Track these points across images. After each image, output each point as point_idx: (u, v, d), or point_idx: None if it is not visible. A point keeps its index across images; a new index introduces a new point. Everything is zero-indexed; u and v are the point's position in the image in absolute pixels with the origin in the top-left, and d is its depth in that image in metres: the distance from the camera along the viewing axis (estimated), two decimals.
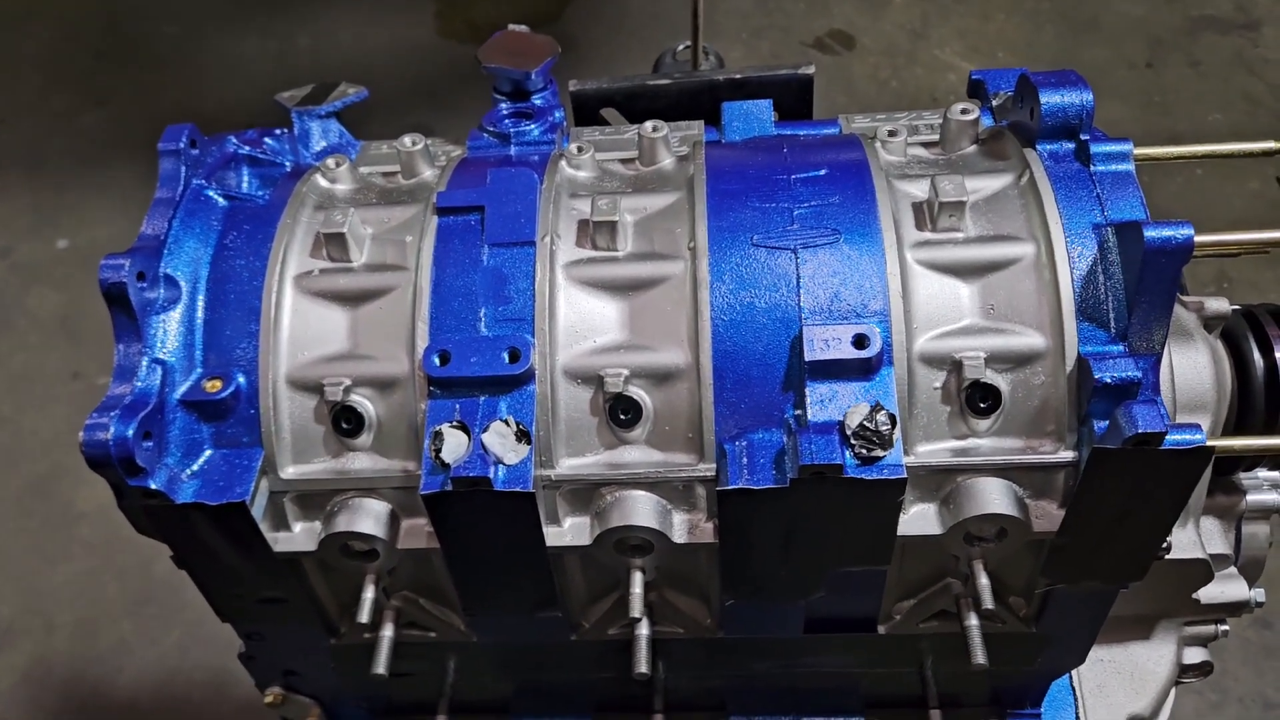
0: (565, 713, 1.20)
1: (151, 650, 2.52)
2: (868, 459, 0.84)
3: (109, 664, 2.52)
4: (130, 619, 2.57)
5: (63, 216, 3.41)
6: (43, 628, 2.57)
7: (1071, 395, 0.88)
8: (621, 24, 3.92)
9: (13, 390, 3.01)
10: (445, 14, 3.97)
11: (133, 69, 3.81)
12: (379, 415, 0.93)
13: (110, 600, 2.60)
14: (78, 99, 3.71)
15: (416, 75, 3.68)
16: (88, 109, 3.70)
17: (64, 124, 3.65)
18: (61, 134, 3.61)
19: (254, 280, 0.95)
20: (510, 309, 0.92)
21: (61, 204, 3.44)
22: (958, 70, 3.77)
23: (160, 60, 3.85)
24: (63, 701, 2.49)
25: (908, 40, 3.95)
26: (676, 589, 1.01)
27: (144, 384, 0.89)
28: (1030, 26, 3.95)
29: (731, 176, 0.97)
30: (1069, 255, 0.89)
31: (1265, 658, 2.51)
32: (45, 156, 3.56)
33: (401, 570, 0.99)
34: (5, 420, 2.94)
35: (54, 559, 2.68)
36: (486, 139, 1.10)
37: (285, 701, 1.16)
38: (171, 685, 2.48)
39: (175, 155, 0.99)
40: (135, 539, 2.60)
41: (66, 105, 3.70)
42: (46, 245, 3.35)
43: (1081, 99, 0.94)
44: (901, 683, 1.13)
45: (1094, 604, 1.00)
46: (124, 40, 3.90)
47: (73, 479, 2.82)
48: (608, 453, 0.92)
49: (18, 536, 2.73)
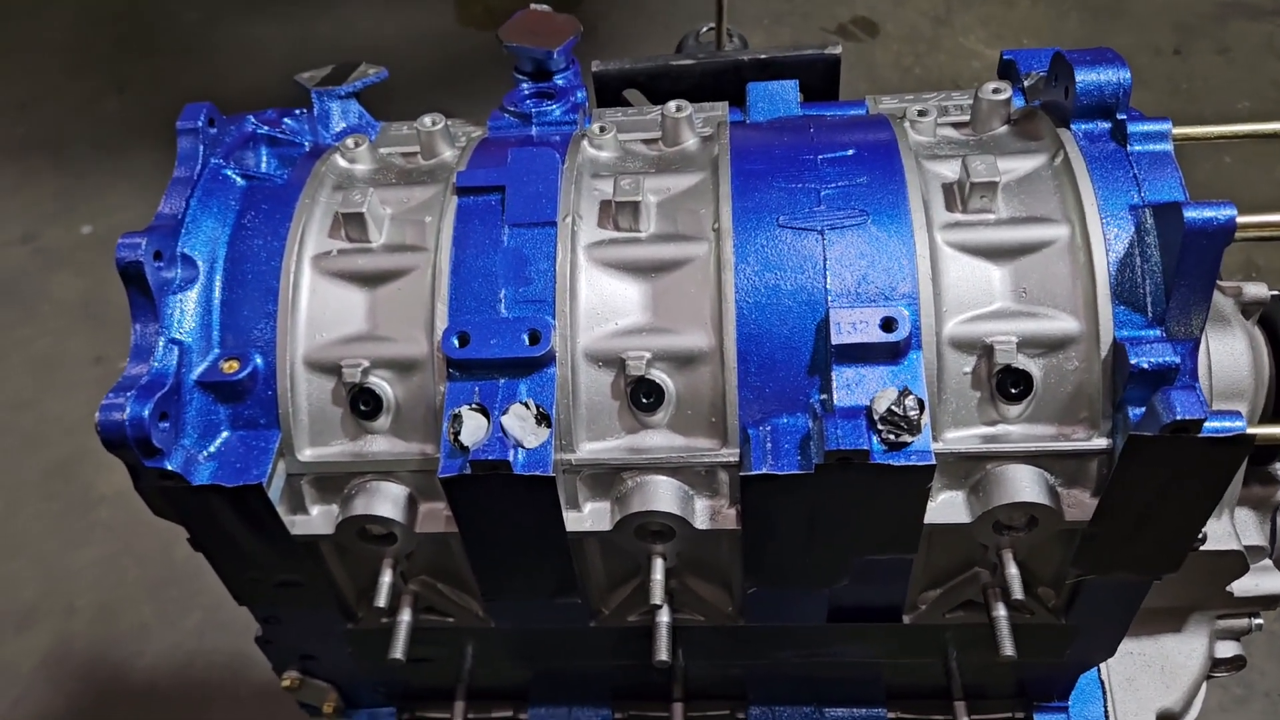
0: (584, 700, 1.18)
1: (171, 633, 2.53)
2: (895, 445, 0.82)
3: (129, 647, 2.53)
4: (150, 603, 2.58)
5: (86, 202, 3.42)
6: (64, 611, 2.59)
7: (1106, 381, 0.85)
8: (642, 8, 3.89)
9: (36, 375, 3.02)
10: (465, 1, 3.95)
11: (153, 55, 3.81)
12: (397, 397, 0.92)
13: (130, 584, 2.61)
14: (99, 85, 3.72)
15: (436, 62, 3.66)
16: (109, 95, 3.71)
17: (86, 110, 3.66)
18: (84, 120, 3.62)
19: (272, 260, 0.94)
20: (531, 290, 0.90)
21: (85, 190, 3.45)
22: (981, 57, 3.72)
23: (180, 47, 3.86)
24: (83, 683, 2.50)
25: (931, 27, 3.91)
26: (698, 576, 1.00)
27: (161, 364, 0.88)
28: (1055, 13, 3.89)
29: (757, 157, 0.95)
30: (1105, 237, 0.86)
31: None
32: (68, 142, 3.57)
33: (419, 554, 0.98)
34: (28, 404, 2.95)
35: (75, 543, 2.69)
36: (508, 119, 1.08)
37: (302, 686, 1.15)
38: (190, 668, 2.48)
39: (193, 134, 0.98)
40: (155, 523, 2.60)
41: (88, 91, 3.71)
42: (70, 231, 3.36)
43: (1119, 77, 0.92)
44: (926, 674, 1.11)
45: (1126, 596, 0.97)
46: (144, 27, 3.91)
47: (94, 463, 2.82)
48: (629, 437, 0.91)
49: (40, 520, 2.74)
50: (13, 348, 3.10)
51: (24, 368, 3.05)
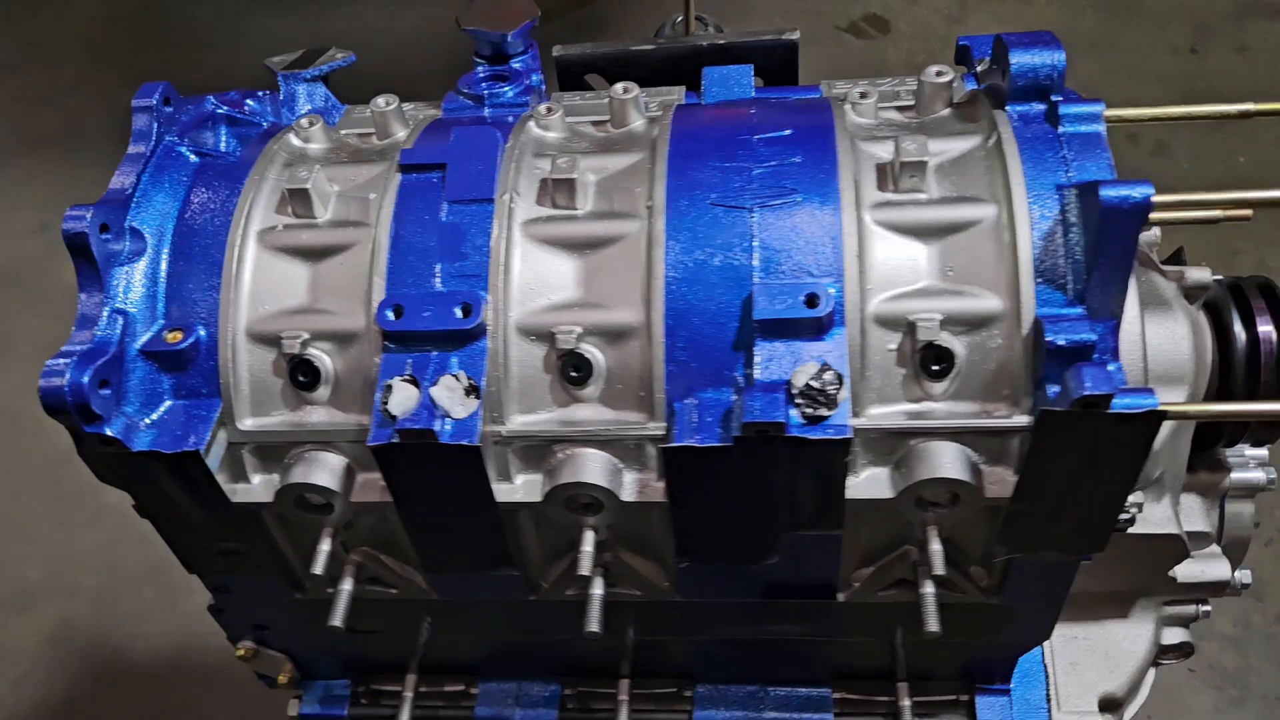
0: (533, 675, 1.20)
1: (171, 615, 2.57)
2: (813, 418, 0.83)
3: (130, 628, 2.57)
4: (151, 585, 2.62)
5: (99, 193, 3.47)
6: (67, 592, 2.64)
7: (1028, 359, 0.86)
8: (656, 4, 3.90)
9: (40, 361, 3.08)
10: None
11: (170, 50, 3.87)
12: (336, 369, 0.94)
13: (132, 566, 2.65)
14: (116, 79, 3.78)
15: (447, 58, 3.70)
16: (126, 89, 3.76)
17: (103, 103, 3.72)
18: (100, 113, 3.68)
19: (218, 235, 0.96)
20: (466, 265, 0.92)
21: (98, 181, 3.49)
22: None
23: (196, 42, 3.92)
24: (85, 663, 2.55)
25: (944, 24, 3.90)
26: (632, 550, 1.01)
27: (104, 333, 0.91)
28: (1070, 10, 3.87)
29: (695, 137, 0.97)
30: (1030, 216, 0.87)
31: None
32: (84, 134, 3.63)
33: (360, 525, 1.00)
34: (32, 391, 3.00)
35: (79, 526, 2.74)
36: (461, 101, 1.10)
37: (257, 656, 1.17)
38: (190, 650, 2.52)
39: (148, 112, 1.01)
40: None
41: (106, 85, 3.77)
42: None
43: (1053, 59, 0.92)
44: (869, 654, 1.12)
45: (1055, 576, 0.98)
46: (161, 22, 3.97)
47: None
48: (560, 410, 0.92)
49: (45, 504, 2.79)
50: (22, 335, 3.16)
51: (32, 355, 3.10)
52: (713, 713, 1.17)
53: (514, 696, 1.20)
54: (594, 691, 1.19)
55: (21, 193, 3.53)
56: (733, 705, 1.17)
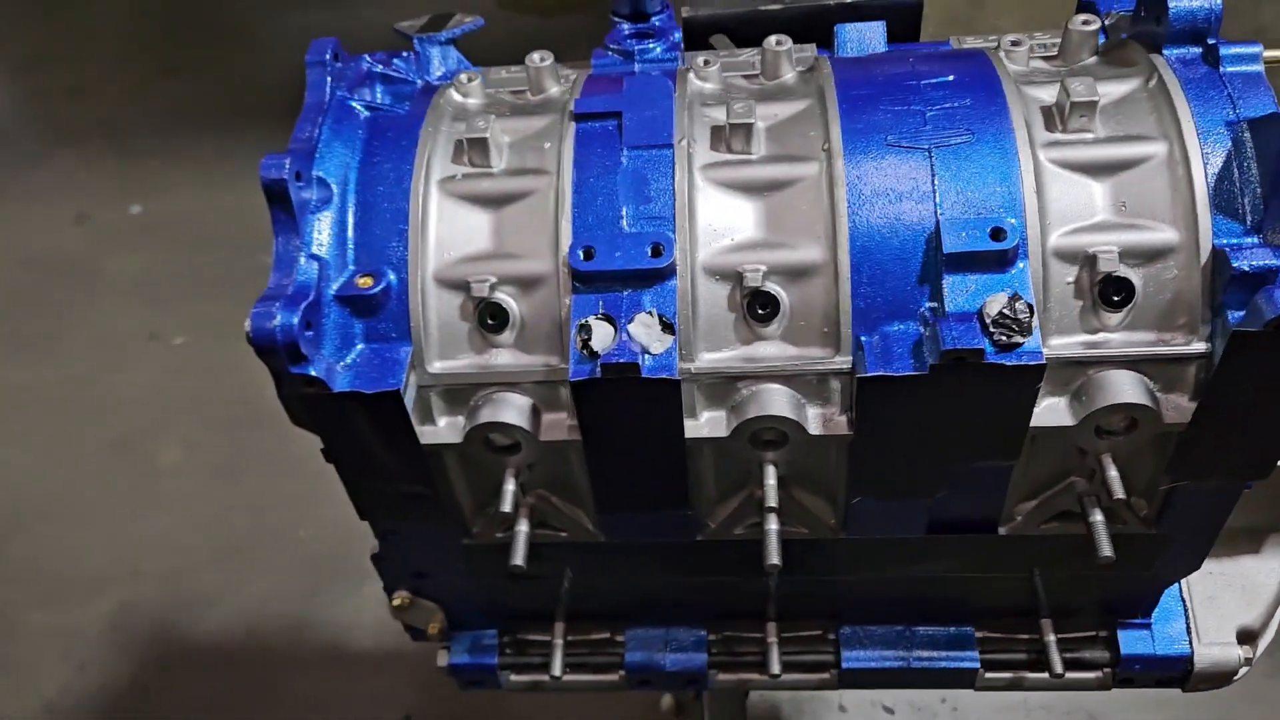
0: (680, 621, 1.23)
1: (233, 600, 2.59)
2: (1007, 345, 0.86)
3: (193, 612, 2.58)
4: (212, 570, 2.64)
5: (136, 183, 3.49)
6: (130, 577, 2.65)
7: (1205, 288, 0.89)
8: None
9: (93, 352, 3.09)
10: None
11: (202, 42, 3.89)
12: (522, 312, 0.96)
13: (193, 552, 2.67)
14: (150, 71, 3.80)
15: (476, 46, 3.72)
16: (159, 80, 3.78)
17: (137, 95, 3.74)
18: (136, 104, 3.70)
19: (401, 183, 0.99)
20: (651, 208, 0.95)
21: (135, 171, 3.52)
22: None
23: (226, 33, 3.93)
24: (148, 648, 2.56)
25: (966, 8, 3.93)
26: (804, 488, 1.04)
27: (304, 277, 0.93)
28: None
29: (861, 83, 1.00)
30: (1202, 151, 0.91)
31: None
32: (120, 125, 3.64)
33: (538, 467, 1.03)
34: (87, 380, 3.02)
35: (138, 513, 2.76)
36: (611, 57, 1.13)
37: (411, 605, 1.20)
38: (253, 633, 2.54)
39: (320, 66, 1.03)
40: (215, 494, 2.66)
41: (139, 77, 3.79)
42: (121, 211, 3.43)
43: (1210, 3, 0.96)
44: (1013, 591, 1.15)
45: (1216, 504, 1.01)
46: (194, 14, 3.99)
47: (154, 437, 2.89)
48: (744, 348, 0.95)
49: (104, 493, 2.80)
50: (70, 327, 3.17)
51: (82, 346, 3.12)
52: (860, 652, 1.20)
53: (662, 642, 1.23)
54: (740, 636, 1.22)
55: (58, 186, 3.54)
56: (879, 644, 1.20)
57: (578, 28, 3.86)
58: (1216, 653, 1.15)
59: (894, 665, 1.19)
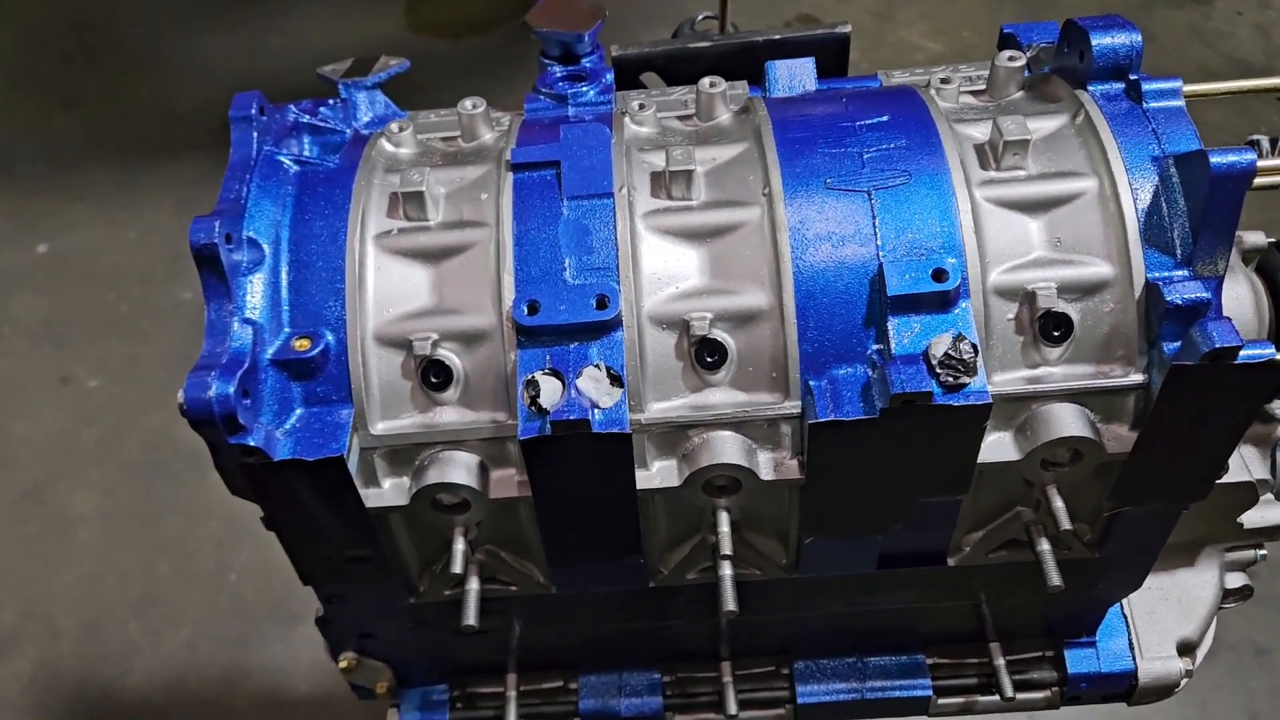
0: (633, 665, 1.22)
1: (160, 650, 2.50)
2: (954, 386, 0.87)
3: (117, 665, 2.49)
4: (136, 620, 2.54)
5: (40, 221, 3.35)
6: (47, 633, 2.54)
7: (1140, 320, 0.92)
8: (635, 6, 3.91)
9: (1, 398, 2.96)
10: (414, 9, 3.96)
11: (101, 71, 3.76)
12: (466, 369, 0.94)
13: (114, 603, 2.57)
14: (46, 102, 3.66)
15: None
16: (57, 112, 3.65)
17: (34, 128, 3.60)
18: (33, 138, 3.56)
19: (335, 240, 0.96)
20: (594, 259, 0.94)
21: (38, 209, 3.38)
22: (924, 50, 3.83)
23: (128, 62, 3.81)
24: (71, 705, 2.46)
25: (874, 23, 4.01)
26: (755, 530, 1.04)
27: (238, 343, 0.90)
28: (992, 5, 4.02)
29: (797, 125, 1.00)
30: (1131, 187, 0.93)
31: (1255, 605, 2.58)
32: (17, 161, 3.50)
33: (487, 523, 1.01)
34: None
35: (54, 564, 2.64)
36: (543, 101, 1.12)
37: (359, 666, 1.16)
38: (183, 683, 2.46)
39: (246, 122, 1.00)
40: (135, 541, 2.56)
41: (35, 109, 3.64)
42: (26, 251, 3.29)
43: (1131, 39, 0.98)
44: (961, 618, 1.17)
45: (1156, 526, 1.04)
46: (90, 43, 3.85)
47: (68, 484, 2.78)
48: (693, 396, 0.94)
49: (15, 544, 2.68)
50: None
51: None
52: (814, 686, 1.20)
53: (616, 687, 1.21)
54: (695, 676, 1.21)
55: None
56: (833, 678, 1.20)
57: (489, 49, 3.84)
58: (1159, 667, 1.18)
59: (848, 698, 1.20)
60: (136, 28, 3.87)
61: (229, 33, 3.83)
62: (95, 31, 3.89)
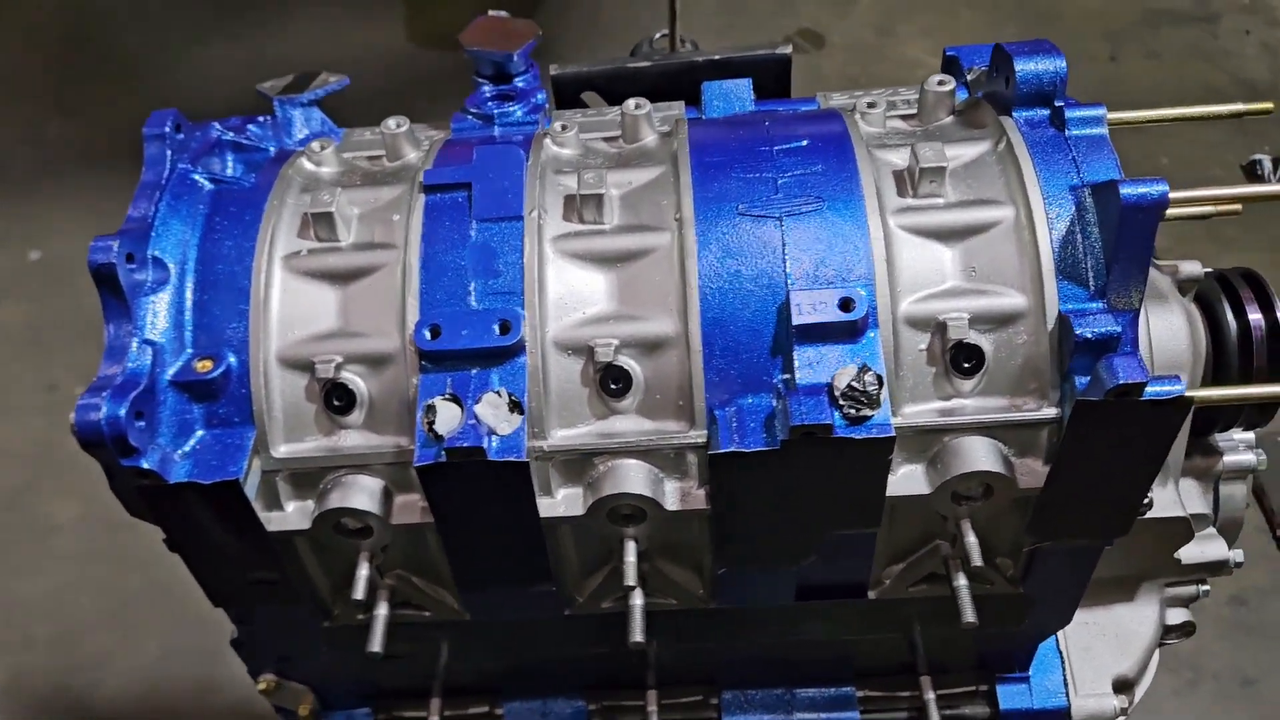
0: (557, 693, 1.20)
1: (133, 659, 2.49)
2: (856, 419, 0.86)
3: (90, 675, 2.48)
4: (109, 630, 2.54)
5: (33, 228, 3.37)
6: (20, 642, 2.54)
7: (1053, 353, 0.89)
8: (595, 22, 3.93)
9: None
10: (414, 19, 3.97)
11: (97, 79, 3.78)
12: (370, 392, 0.93)
13: (88, 612, 2.57)
14: (42, 110, 3.69)
15: (387, 80, 3.67)
16: (53, 120, 3.67)
17: (30, 135, 3.62)
18: (29, 145, 3.58)
19: (243, 261, 0.95)
20: (500, 283, 0.93)
21: (31, 215, 3.40)
22: (925, 65, 3.81)
23: (125, 70, 3.83)
24: (43, 715, 2.46)
25: (875, 37, 3.99)
26: (669, 559, 1.02)
27: (135, 365, 0.89)
28: (993, 21, 4.00)
29: (715, 149, 0.99)
30: (1047, 216, 0.91)
31: (1241, 634, 2.54)
32: (12, 167, 3.53)
33: (394, 548, 0.99)
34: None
35: (28, 572, 2.65)
36: (470, 121, 1.11)
37: (278, 689, 1.15)
38: (155, 693, 2.45)
39: (160, 140, 0.99)
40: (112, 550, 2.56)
41: (32, 116, 3.67)
42: (18, 257, 3.31)
43: (1055, 66, 0.97)
44: (891, 651, 1.15)
45: (1079, 562, 1.01)
46: (88, 50, 3.88)
47: (49, 491, 2.78)
48: (599, 423, 0.93)
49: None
50: None
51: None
52: (742, 717, 1.18)
53: (540, 715, 1.20)
54: (621, 705, 1.20)
55: None
56: (760, 709, 1.18)
57: None
58: (1093, 704, 1.15)
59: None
60: (135, 36, 3.90)
61: (227, 43, 3.85)
62: (93, 40, 3.92)
